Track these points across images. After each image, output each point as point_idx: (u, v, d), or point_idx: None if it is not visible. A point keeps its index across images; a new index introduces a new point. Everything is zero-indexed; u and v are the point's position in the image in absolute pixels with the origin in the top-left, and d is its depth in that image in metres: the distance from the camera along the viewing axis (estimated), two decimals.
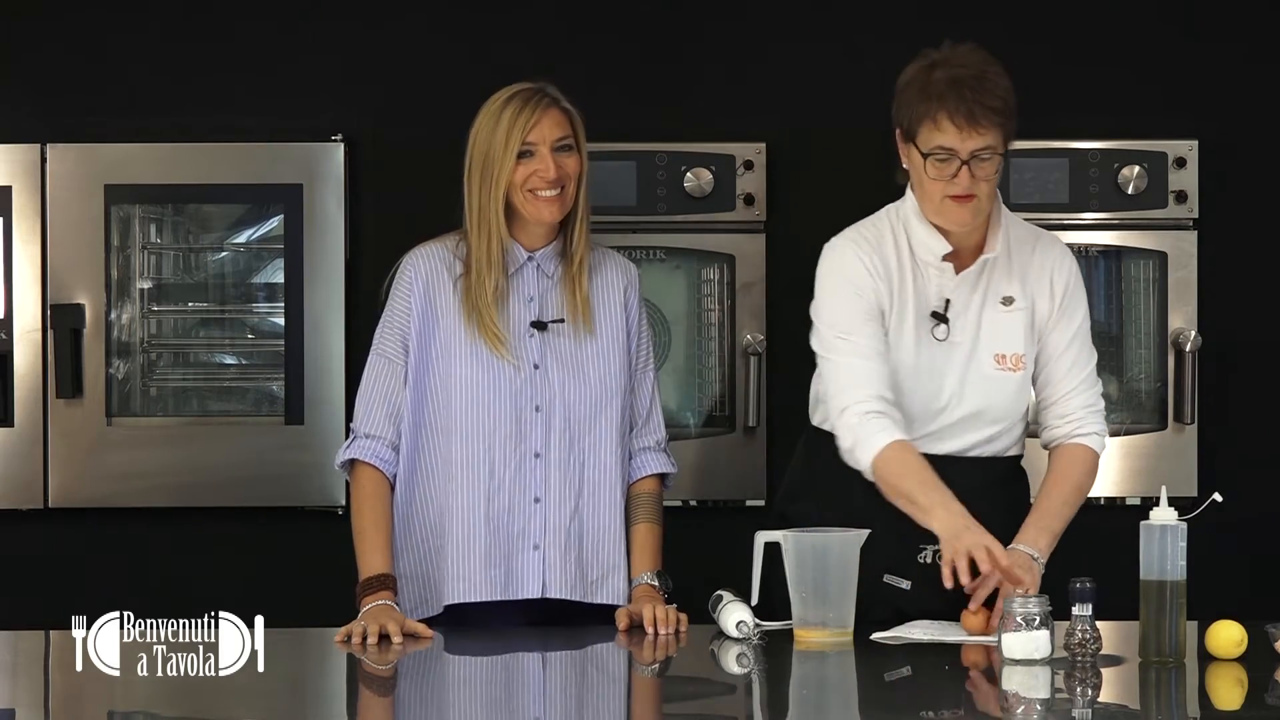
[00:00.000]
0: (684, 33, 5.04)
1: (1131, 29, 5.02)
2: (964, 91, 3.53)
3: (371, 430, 3.78)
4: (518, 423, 3.75)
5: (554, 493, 3.75)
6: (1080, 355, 3.76)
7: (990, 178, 3.59)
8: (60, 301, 4.90)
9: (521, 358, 3.76)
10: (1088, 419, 3.74)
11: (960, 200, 3.59)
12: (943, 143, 3.55)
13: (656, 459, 3.88)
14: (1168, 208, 4.94)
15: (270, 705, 3.15)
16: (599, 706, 3.28)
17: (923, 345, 3.69)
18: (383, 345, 3.81)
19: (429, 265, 3.81)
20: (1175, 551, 3.32)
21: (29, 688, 3.37)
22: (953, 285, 3.69)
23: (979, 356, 3.70)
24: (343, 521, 4.91)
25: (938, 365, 3.69)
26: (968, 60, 3.59)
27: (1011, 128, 3.60)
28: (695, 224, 4.95)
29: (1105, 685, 3.27)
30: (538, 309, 3.80)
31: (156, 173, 4.94)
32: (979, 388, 3.70)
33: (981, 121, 3.53)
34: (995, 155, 3.57)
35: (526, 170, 3.73)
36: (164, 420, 5.01)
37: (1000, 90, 3.56)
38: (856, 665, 3.39)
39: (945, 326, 3.69)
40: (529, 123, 3.73)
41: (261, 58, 5.02)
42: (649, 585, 3.77)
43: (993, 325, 3.71)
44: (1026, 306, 3.73)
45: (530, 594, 3.74)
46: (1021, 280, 3.73)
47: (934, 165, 3.57)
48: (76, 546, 4.98)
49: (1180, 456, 4.95)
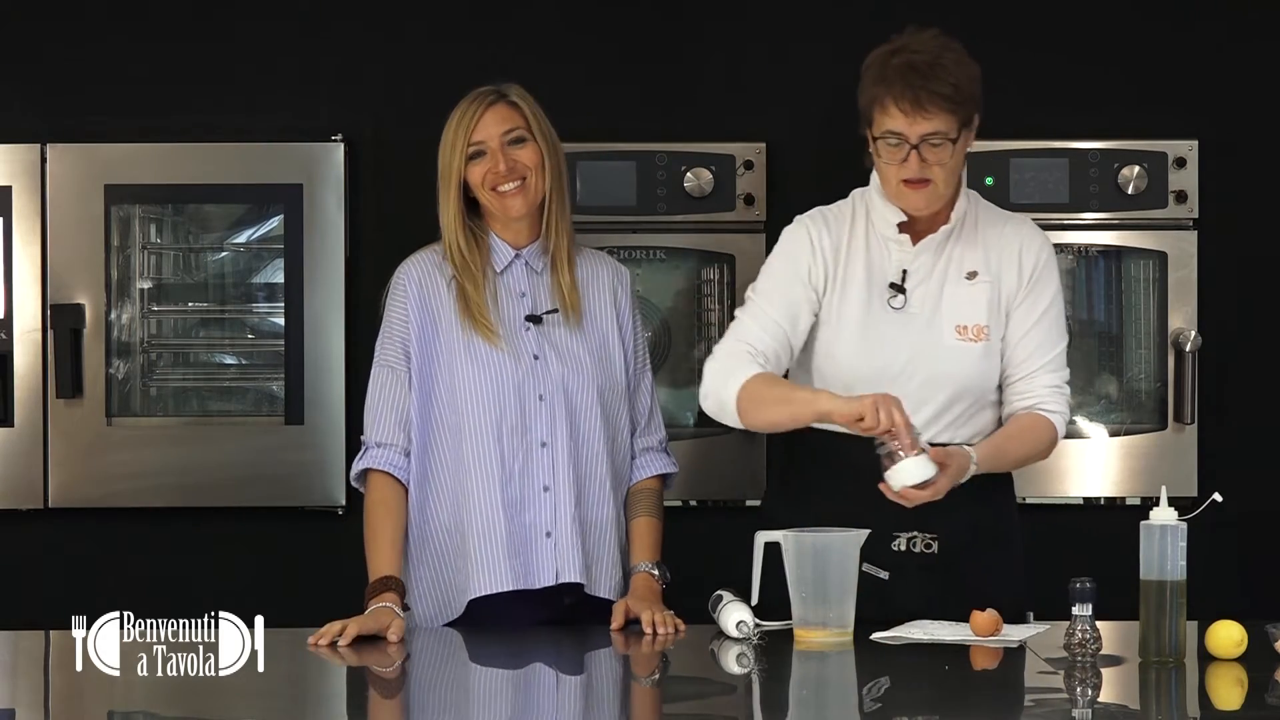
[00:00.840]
0: (684, 33, 5.04)
1: (1131, 29, 5.02)
2: (912, 77, 3.59)
3: (383, 439, 3.81)
4: (522, 413, 3.79)
5: (561, 480, 3.79)
6: (1048, 336, 3.76)
7: (944, 162, 3.63)
8: (60, 301, 4.90)
9: (520, 350, 3.79)
10: (1051, 398, 3.73)
11: (914, 185, 3.65)
12: (891, 127, 3.62)
13: (658, 459, 3.94)
14: (1168, 208, 4.94)
15: (270, 705, 3.15)
16: (599, 706, 3.28)
17: (875, 314, 3.71)
18: (385, 355, 3.85)
19: (420, 270, 3.86)
20: (1175, 551, 3.32)
21: (29, 688, 3.37)
22: (911, 257, 3.73)
23: (939, 326, 3.72)
24: (343, 521, 4.94)
25: (894, 333, 3.71)
26: (924, 46, 3.65)
27: (967, 113, 3.64)
28: (695, 224, 4.95)
29: (1105, 685, 3.27)
30: (530, 304, 3.83)
31: (156, 173, 4.94)
32: (937, 355, 3.71)
33: (928, 107, 3.58)
34: (947, 140, 3.61)
35: (481, 169, 3.80)
36: (164, 420, 5.01)
37: (952, 76, 3.61)
38: (856, 665, 3.39)
39: (902, 296, 3.72)
40: (473, 122, 3.82)
41: (261, 58, 5.02)
42: (647, 573, 3.81)
43: (954, 298, 3.73)
44: (991, 280, 3.74)
45: (545, 582, 3.77)
46: (986, 254, 3.75)
47: (885, 149, 3.63)
48: (76, 546, 4.98)
49: (1180, 456, 4.94)
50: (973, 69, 3.66)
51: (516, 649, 3.63)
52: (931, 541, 3.68)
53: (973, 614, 3.55)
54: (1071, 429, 4.95)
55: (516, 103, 3.83)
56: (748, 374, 3.65)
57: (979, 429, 3.75)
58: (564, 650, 3.65)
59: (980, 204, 3.82)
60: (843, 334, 3.72)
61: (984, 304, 3.73)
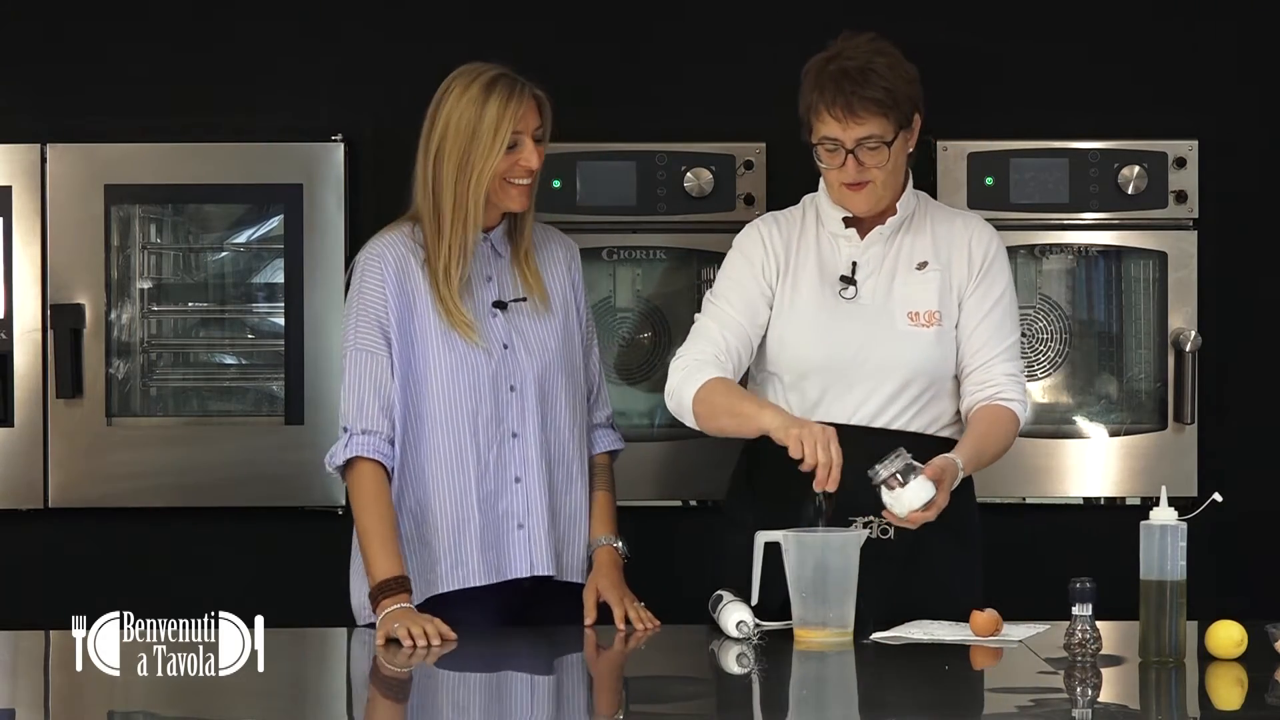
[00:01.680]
0: (684, 33, 5.04)
1: (1131, 29, 5.02)
2: (844, 83, 3.68)
3: (368, 425, 3.74)
4: (496, 404, 3.76)
5: (532, 470, 3.77)
6: (1002, 325, 3.80)
7: (881, 165, 3.71)
8: (60, 301, 4.90)
9: (492, 341, 3.76)
10: (1009, 386, 3.76)
11: (854, 188, 3.73)
12: (827, 133, 3.71)
13: (608, 436, 3.96)
14: (1168, 208, 4.93)
15: (270, 705, 3.15)
16: (595, 705, 3.28)
17: (827, 305, 3.78)
18: (361, 339, 3.75)
19: (396, 253, 3.79)
20: (1175, 551, 3.32)
21: (29, 688, 3.37)
22: (860, 249, 3.80)
23: (890, 313, 3.78)
24: (343, 521, 4.92)
25: (844, 323, 3.77)
26: (856, 53, 3.73)
27: (903, 115, 3.71)
28: (695, 224, 4.94)
29: (1105, 685, 3.27)
30: (496, 289, 3.80)
31: (156, 173, 4.93)
32: (889, 341, 3.76)
33: (859, 112, 3.67)
34: (882, 144, 3.68)
35: (510, 160, 3.72)
36: (164, 420, 5.01)
37: (885, 80, 3.69)
38: (856, 665, 3.39)
39: (853, 288, 3.78)
40: (517, 112, 3.71)
41: (261, 58, 5.01)
42: (610, 547, 3.81)
43: (905, 287, 3.79)
44: (941, 269, 3.80)
45: (519, 573, 3.75)
46: (935, 245, 3.82)
47: (824, 153, 3.73)
48: (76, 546, 4.98)
49: (1180, 456, 4.94)
50: (907, 71, 3.75)
51: (515, 648, 3.63)
52: (888, 527, 3.68)
53: (973, 614, 3.55)
54: (1071, 429, 4.96)
55: (540, 97, 3.78)
56: (705, 378, 3.72)
57: (936, 416, 3.80)
58: (553, 650, 3.64)
59: (930, 203, 3.92)
60: (794, 323, 3.79)
61: (935, 291, 3.79)
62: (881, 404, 3.72)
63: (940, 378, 3.78)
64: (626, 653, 3.60)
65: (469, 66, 3.79)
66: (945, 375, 3.79)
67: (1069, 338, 4.99)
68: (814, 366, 3.75)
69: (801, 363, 3.77)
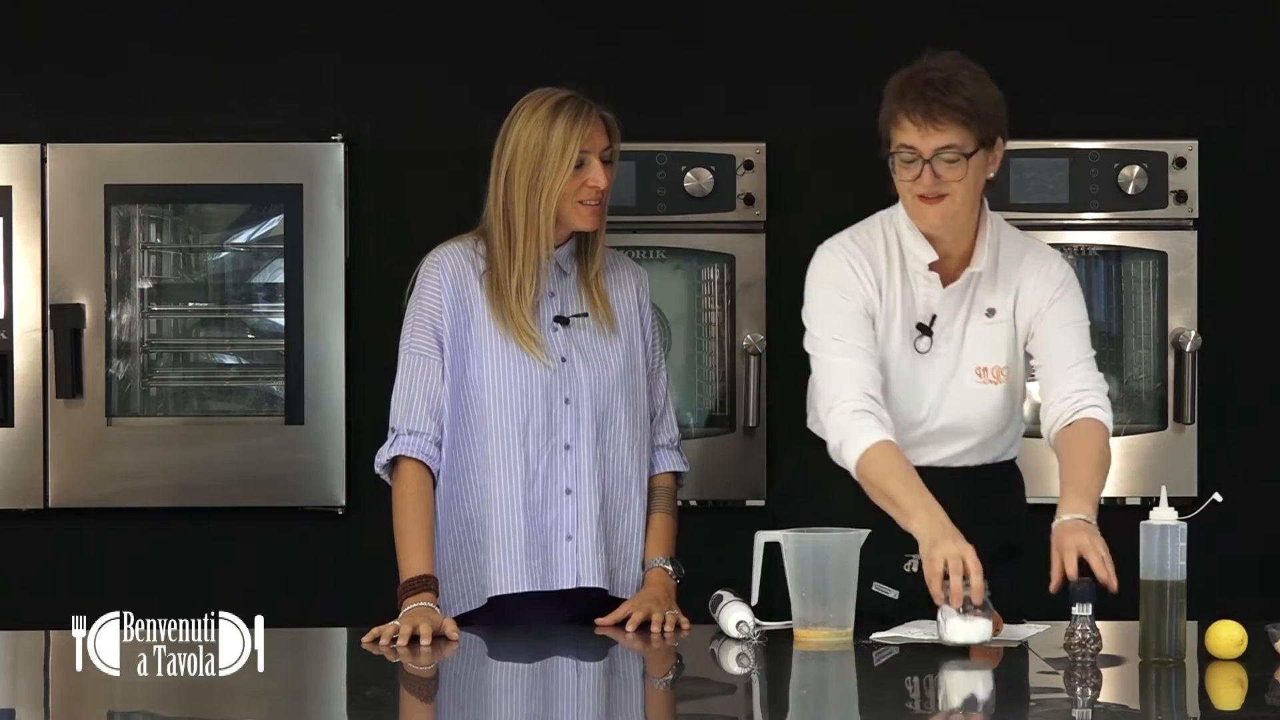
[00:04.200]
0: (684, 33, 5.04)
1: (1131, 29, 5.02)
2: (926, 91, 3.59)
3: (415, 427, 3.77)
4: (549, 416, 3.78)
5: (584, 484, 3.79)
6: (1076, 342, 3.73)
7: (960, 179, 3.61)
8: (60, 301, 4.90)
9: (549, 352, 3.79)
10: (1088, 396, 3.68)
11: (928, 200, 3.63)
12: (904, 141, 3.61)
13: (670, 457, 3.95)
14: (1168, 208, 4.94)
15: (270, 705, 3.15)
16: (599, 707, 3.28)
17: (905, 355, 3.72)
18: (415, 343, 3.80)
19: (455, 262, 3.82)
20: (1175, 551, 3.32)
21: (29, 688, 3.37)
22: (939, 297, 3.72)
23: (961, 370, 3.73)
24: (343, 521, 4.94)
25: (919, 377, 3.72)
26: (943, 65, 3.65)
27: (985, 131, 3.62)
28: (695, 224, 4.95)
29: (1105, 685, 3.27)
30: (559, 305, 3.83)
31: (156, 173, 4.93)
32: (959, 400, 3.73)
33: (940, 119, 3.58)
34: (961, 156, 3.59)
35: (578, 180, 3.75)
36: (164, 420, 5.01)
37: (968, 91, 3.61)
38: (856, 665, 3.39)
39: (928, 340, 3.72)
40: (585, 132, 3.74)
41: (261, 58, 5.02)
42: (661, 569, 3.82)
43: (975, 338, 3.73)
44: (1008, 318, 3.74)
45: (566, 584, 3.77)
46: (1005, 291, 3.74)
47: (900, 164, 3.62)
48: (76, 546, 4.98)
49: (1180, 456, 4.94)
50: (992, 90, 3.66)
51: (512, 648, 3.63)
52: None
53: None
54: None
55: (607, 118, 3.80)
56: (868, 441, 3.59)
57: (1001, 450, 3.79)
58: (553, 650, 3.64)
59: (1003, 232, 3.79)
60: (885, 372, 3.70)
61: (1003, 343, 3.74)
62: (948, 456, 3.73)
63: (1002, 425, 3.76)
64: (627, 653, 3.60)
65: (539, 90, 3.80)
66: (1005, 421, 3.77)
67: None
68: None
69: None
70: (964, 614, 3.31)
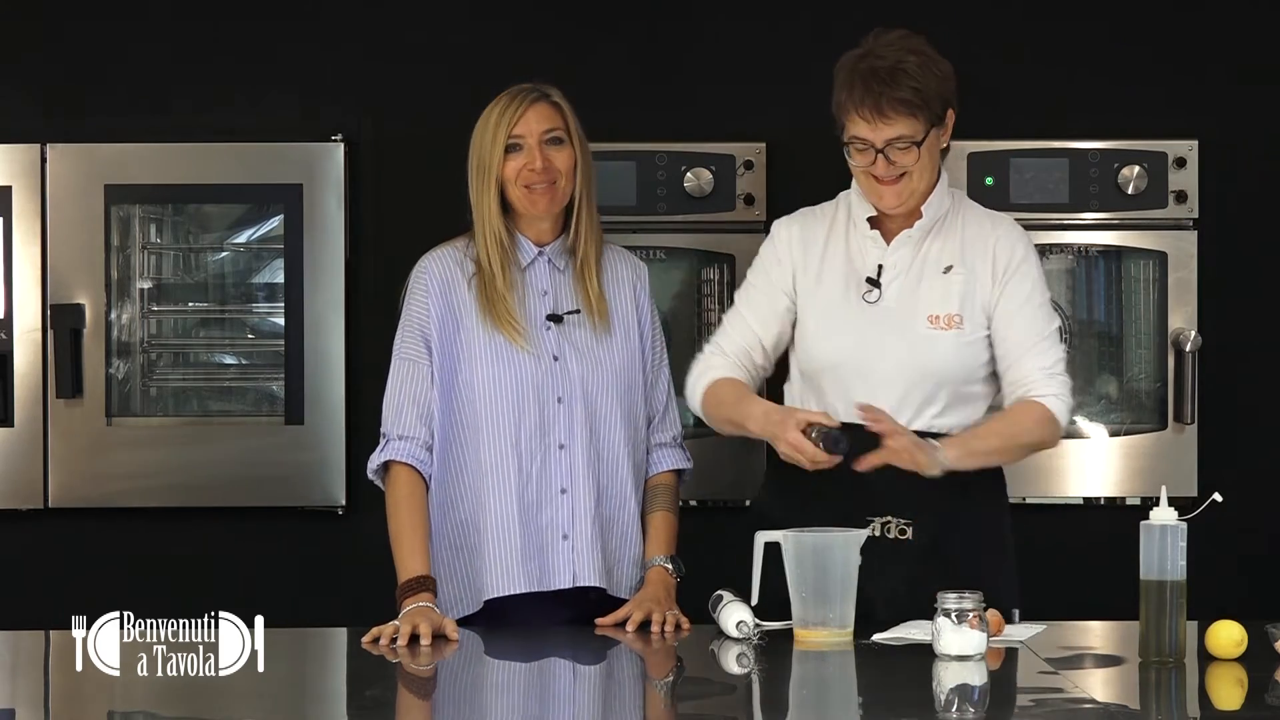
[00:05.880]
0: (684, 32, 5.04)
1: (1131, 29, 5.02)
2: (872, 84, 3.65)
3: (405, 432, 3.79)
4: (541, 415, 3.79)
5: (579, 483, 3.80)
6: (1031, 324, 3.75)
7: (915, 161, 3.68)
8: (60, 301, 4.90)
9: (541, 350, 3.79)
10: (1043, 381, 3.72)
11: (886, 183, 3.71)
12: (856, 133, 3.70)
13: (674, 455, 3.97)
14: (1168, 208, 4.94)
15: (270, 705, 3.15)
16: (600, 707, 3.28)
17: (851, 305, 3.77)
18: (404, 349, 3.83)
19: (442, 266, 3.85)
20: (1175, 551, 3.32)
21: (29, 688, 3.37)
22: (887, 252, 3.78)
23: (913, 317, 3.76)
24: (343, 521, 4.94)
25: (864, 325, 3.76)
26: (887, 51, 3.69)
27: (934, 113, 3.68)
28: (695, 224, 4.95)
29: (1105, 685, 3.27)
30: (551, 303, 3.84)
31: (156, 173, 4.93)
32: (911, 345, 3.75)
33: (888, 113, 3.64)
34: (912, 144, 3.66)
35: (516, 164, 3.80)
36: (164, 420, 5.01)
37: (914, 80, 3.65)
38: (856, 665, 3.39)
39: (877, 291, 3.77)
40: (515, 117, 3.81)
41: (261, 58, 5.02)
42: (661, 567, 3.82)
43: (929, 291, 3.77)
44: (965, 273, 3.77)
45: (562, 584, 3.78)
46: (963, 250, 3.79)
47: (855, 153, 3.71)
48: (76, 546, 4.98)
49: (1180, 456, 4.94)
50: (939, 69, 3.71)
51: (512, 648, 3.63)
52: (906, 527, 3.68)
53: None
54: (1071, 429, 4.95)
55: (558, 104, 3.85)
56: (713, 378, 3.82)
57: (963, 420, 3.77)
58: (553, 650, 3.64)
59: (965, 203, 3.87)
60: (814, 320, 3.80)
61: (956, 295, 3.77)
62: (896, 405, 3.71)
63: (963, 381, 3.76)
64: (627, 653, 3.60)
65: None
66: (970, 379, 3.77)
67: (1069, 338, 4.99)
68: (829, 364, 3.75)
69: (817, 360, 3.78)
70: (958, 625, 3.31)
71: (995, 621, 3.51)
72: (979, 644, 3.31)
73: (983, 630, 3.32)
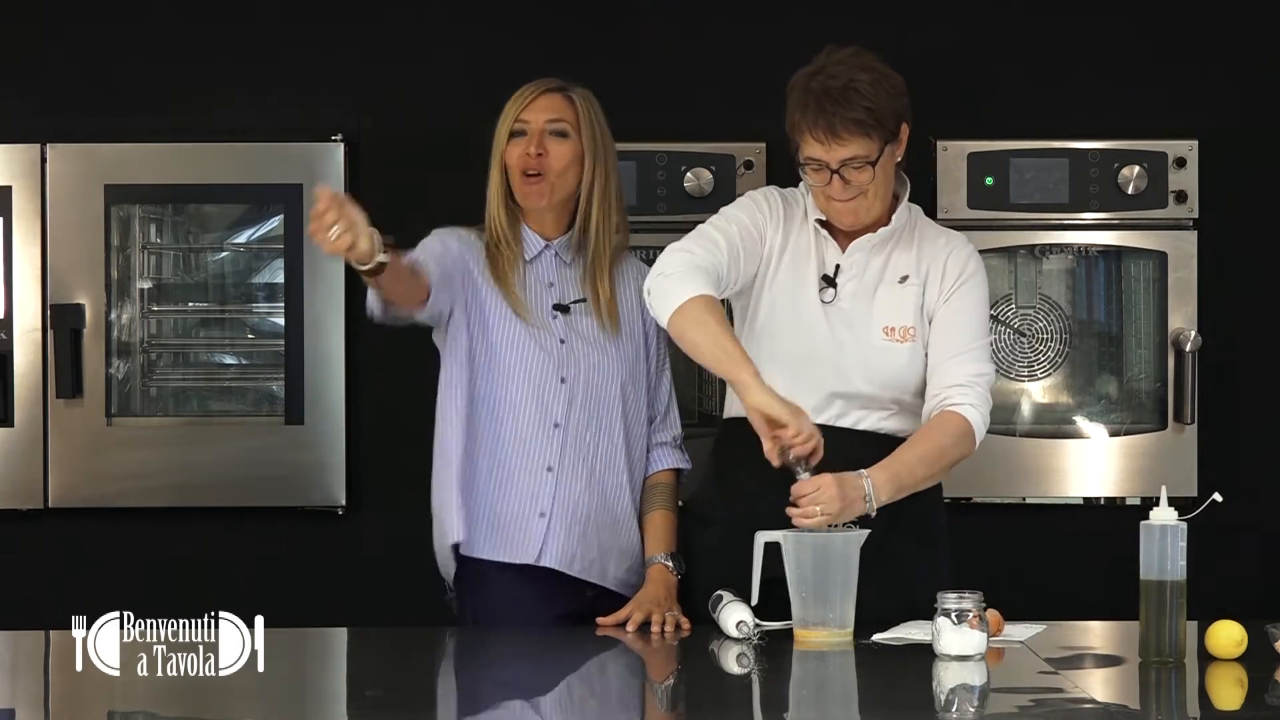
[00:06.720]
0: (684, 33, 5.04)
1: (1131, 29, 5.02)
2: (825, 105, 3.64)
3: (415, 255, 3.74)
4: (541, 392, 3.79)
5: (568, 464, 3.80)
6: (964, 330, 3.75)
7: (870, 180, 3.67)
8: (60, 301, 4.90)
9: (548, 333, 3.80)
10: (963, 391, 3.71)
11: (842, 202, 3.69)
12: (810, 154, 3.68)
13: (672, 455, 3.98)
14: (1168, 208, 4.94)
15: (270, 705, 3.15)
16: (600, 707, 3.28)
17: (806, 299, 3.76)
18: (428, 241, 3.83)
19: (459, 236, 3.88)
20: (1175, 551, 3.32)
21: (29, 688, 3.37)
22: (845, 254, 3.77)
23: (868, 324, 3.76)
24: (343, 521, 4.94)
25: (819, 322, 3.75)
26: (837, 71, 3.68)
27: (888, 131, 3.66)
28: (695, 224, 4.91)
29: (1105, 685, 3.27)
30: (558, 294, 3.85)
31: (156, 173, 4.93)
32: (864, 355, 3.74)
33: (842, 134, 3.63)
34: (866, 164, 3.65)
35: (518, 149, 3.83)
36: (164, 420, 5.01)
37: (866, 99, 3.64)
38: (856, 665, 3.39)
39: (833, 291, 3.76)
40: (524, 103, 3.84)
41: (262, 58, 5.02)
42: (662, 565, 3.83)
43: (885, 300, 3.77)
44: (919, 284, 3.77)
45: (526, 559, 3.79)
46: (919, 261, 3.78)
47: (810, 173, 3.69)
48: (76, 546, 4.98)
49: (1180, 456, 4.94)
50: (891, 85, 3.69)
51: (512, 648, 3.63)
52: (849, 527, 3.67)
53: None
54: (1071, 429, 4.96)
55: (572, 98, 3.86)
56: (696, 291, 3.63)
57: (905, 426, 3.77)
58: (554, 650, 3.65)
59: (924, 219, 3.87)
60: (769, 305, 3.77)
61: (911, 306, 3.77)
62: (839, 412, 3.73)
63: (915, 393, 3.77)
64: (627, 653, 3.60)
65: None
66: (920, 390, 3.77)
67: (1069, 338, 4.99)
68: (783, 354, 3.73)
69: (770, 346, 3.75)
70: (958, 625, 3.31)
71: (995, 621, 3.52)
72: (979, 644, 3.31)
73: (983, 630, 3.32)
